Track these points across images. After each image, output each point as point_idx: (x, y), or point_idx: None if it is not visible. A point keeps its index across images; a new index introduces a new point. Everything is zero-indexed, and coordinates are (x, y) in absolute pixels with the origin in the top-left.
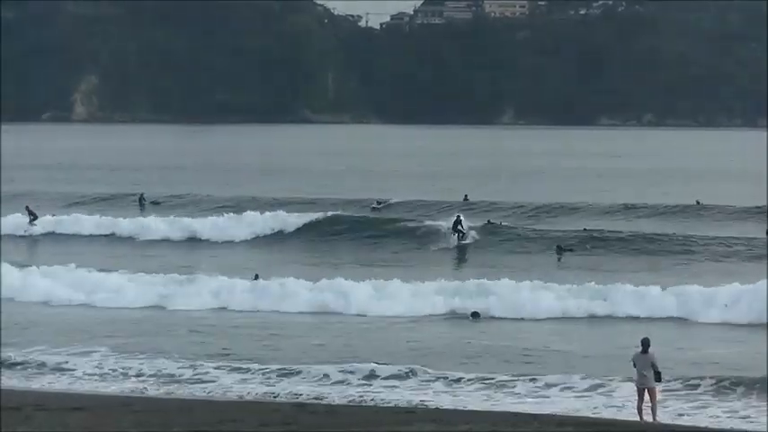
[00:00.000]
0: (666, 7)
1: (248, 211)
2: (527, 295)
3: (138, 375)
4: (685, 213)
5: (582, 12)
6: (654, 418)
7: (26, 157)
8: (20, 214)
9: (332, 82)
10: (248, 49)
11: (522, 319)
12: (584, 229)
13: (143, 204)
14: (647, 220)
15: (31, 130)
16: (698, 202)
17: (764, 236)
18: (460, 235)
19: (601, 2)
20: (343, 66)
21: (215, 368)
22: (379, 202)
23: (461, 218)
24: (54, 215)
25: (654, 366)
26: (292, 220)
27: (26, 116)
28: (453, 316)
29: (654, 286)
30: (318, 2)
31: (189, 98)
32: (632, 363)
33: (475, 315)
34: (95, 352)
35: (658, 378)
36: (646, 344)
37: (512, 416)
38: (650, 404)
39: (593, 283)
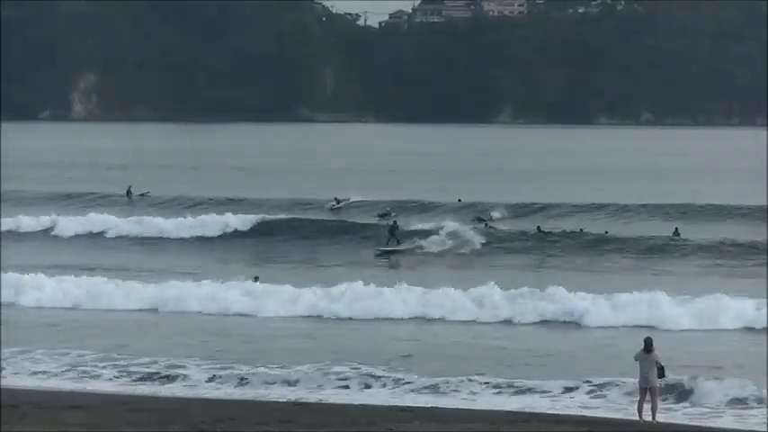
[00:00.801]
0: (665, 6)
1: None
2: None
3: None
4: (683, 212)
5: (580, 10)
6: (653, 418)
7: (23, 155)
8: None
9: (330, 80)
10: (246, 48)
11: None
12: (581, 230)
13: (130, 197)
14: (643, 220)
15: (29, 129)
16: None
17: (764, 237)
18: (394, 241)
19: (599, 0)
20: (342, 64)
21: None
22: (338, 201)
23: (397, 224)
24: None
25: (657, 364)
26: (245, 219)
27: (24, 114)
28: (422, 319)
29: (658, 291)
30: (317, 0)
31: (187, 96)
32: (636, 360)
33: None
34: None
35: (661, 374)
36: (649, 343)
37: (511, 415)
38: (651, 403)
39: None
